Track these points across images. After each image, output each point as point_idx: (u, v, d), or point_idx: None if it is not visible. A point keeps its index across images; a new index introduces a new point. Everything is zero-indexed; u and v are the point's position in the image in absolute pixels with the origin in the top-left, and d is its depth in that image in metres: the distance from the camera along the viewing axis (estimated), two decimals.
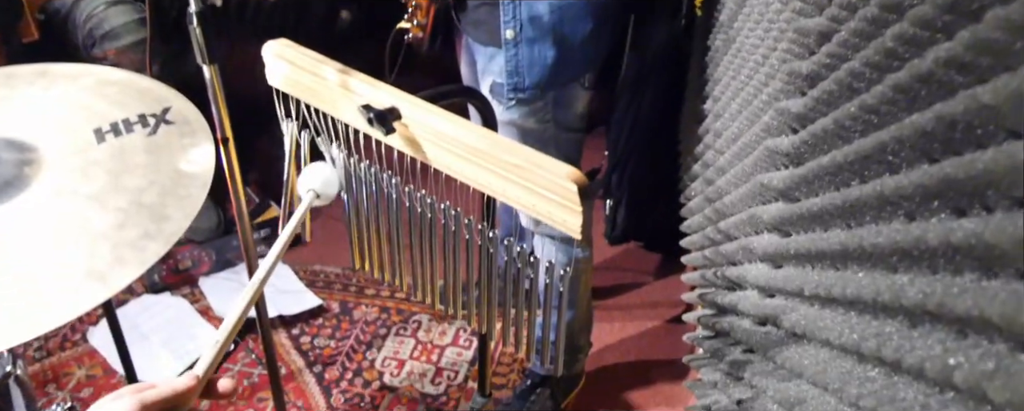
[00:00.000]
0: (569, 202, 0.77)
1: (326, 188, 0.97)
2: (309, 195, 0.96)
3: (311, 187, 0.96)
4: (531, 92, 1.46)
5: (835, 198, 0.69)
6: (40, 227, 0.93)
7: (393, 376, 1.98)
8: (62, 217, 0.94)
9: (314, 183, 0.96)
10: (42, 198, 0.95)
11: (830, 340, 0.64)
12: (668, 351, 2.06)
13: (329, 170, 0.98)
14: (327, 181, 0.97)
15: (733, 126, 1.20)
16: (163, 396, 0.66)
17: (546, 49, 1.41)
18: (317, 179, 0.96)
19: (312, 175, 0.97)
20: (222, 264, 2.25)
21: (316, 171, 0.97)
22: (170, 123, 1.11)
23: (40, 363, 1.96)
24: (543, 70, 1.43)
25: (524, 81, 1.44)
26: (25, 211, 0.94)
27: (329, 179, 0.97)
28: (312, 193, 0.96)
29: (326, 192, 0.97)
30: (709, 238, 1.31)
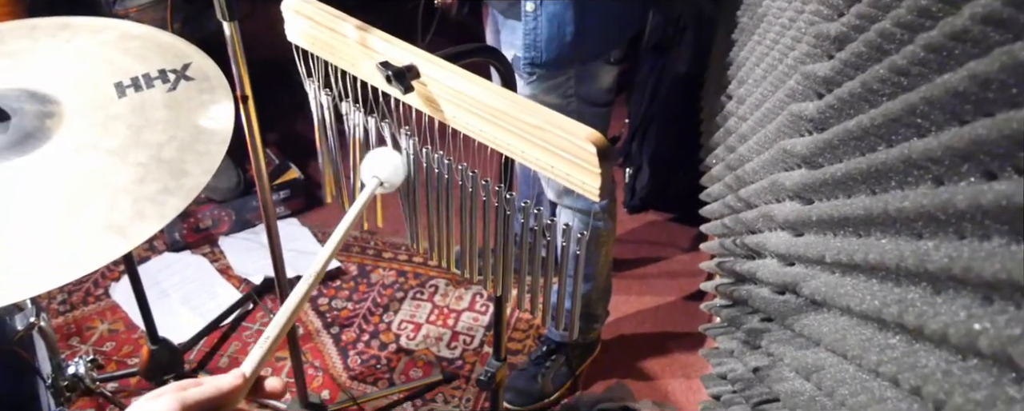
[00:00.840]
0: (588, 164, 0.76)
1: (392, 176, 0.90)
2: (373, 182, 0.88)
3: (376, 174, 0.88)
4: (549, 69, 1.42)
5: (860, 163, 0.68)
6: (62, 179, 0.93)
7: (409, 339, 1.99)
8: (83, 170, 0.95)
9: (380, 171, 0.89)
10: (63, 151, 0.96)
11: (851, 307, 0.63)
12: (684, 321, 2.06)
13: (397, 157, 0.90)
14: (395, 169, 0.89)
15: (757, 92, 1.18)
16: (206, 396, 0.61)
17: (566, 24, 1.36)
18: (384, 167, 0.89)
19: (378, 162, 0.89)
20: (241, 224, 2.27)
21: (383, 158, 0.90)
22: (190, 79, 1.10)
23: (64, 316, 1.99)
24: (562, 47, 1.38)
25: (541, 56, 1.40)
26: (47, 163, 0.94)
27: (396, 167, 0.90)
28: (376, 180, 0.88)
29: (392, 181, 0.90)
30: (729, 206, 1.29)
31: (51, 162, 0.95)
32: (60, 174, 0.94)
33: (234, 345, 1.95)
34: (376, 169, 0.89)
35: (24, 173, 0.93)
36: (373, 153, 0.91)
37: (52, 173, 0.94)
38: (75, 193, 0.93)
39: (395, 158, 0.90)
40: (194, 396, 0.60)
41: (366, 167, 0.90)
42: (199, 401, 0.60)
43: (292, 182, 2.33)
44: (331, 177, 1.16)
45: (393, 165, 0.90)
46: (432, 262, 2.20)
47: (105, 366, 1.84)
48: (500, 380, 1.24)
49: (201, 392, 0.61)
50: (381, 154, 0.90)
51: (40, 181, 0.93)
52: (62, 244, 0.89)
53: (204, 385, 0.62)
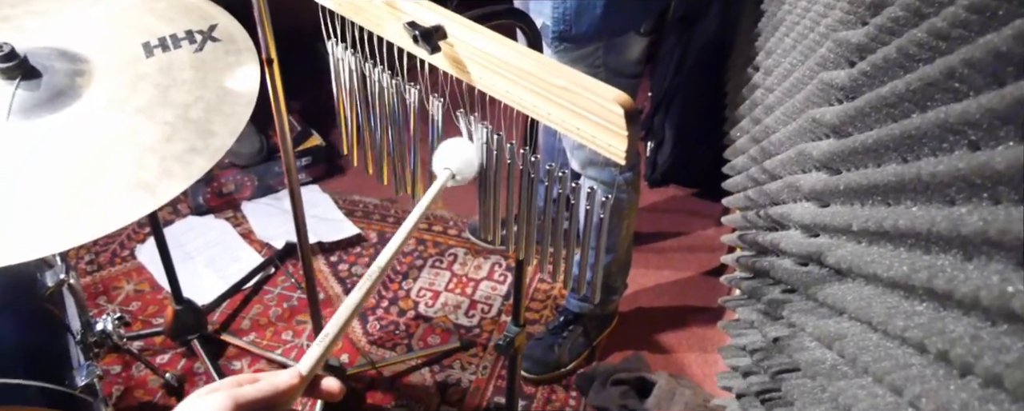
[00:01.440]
0: (614, 126, 0.76)
1: (465, 169, 0.86)
2: (445, 174, 0.85)
3: (448, 166, 0.85)
4: (578, 41, 1.40)
5: (893, 130, 0.67)
6: (91, 137, 0.95)
7: (428, 307, 2.01)
8: (112, 128, 0.96)
9: (452, 162, 0.86)
10: (93, 109, 0.97)
11: (877, 274, 0.63)
12: (703, 295, 2.06)
13: (470, 149, 0.86)
14: (467, 161, 0.86)
15: (785, 61, 1.16)
16: (261, 394, 0.60)
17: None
18: (456, 158, 0.85)
19: (450, 152, 0.86)
20: (264, 189, 2.29)
21: (455, 148, 0.86)
22: (216, 40, 1.11)
23: (91, 276, 2.03)
24: (592, 20, 1.36)
25: (571, 30, 1.38)
26: (77, 121, 0.95)
27: (469, 159, 0.86)
28: (448, 173, 0.85)
29: (464, 173, 0.86)
30: (753, 178, 1.28)
31: (81, 120, 0.96)
32: (90, 131, 0.95)
33: (256, 308, 1.98)
34: (448, 160, 0.85)
35: (56, 130, 0.94)
36: (446, 144, 0.87)
37: (82, 130, 0.95)
38: (104, 150, 0.94)
39: (468, 149, 0.86)
40: (248, 394, 0.59)
41: (438, 157, 0.86)
42: (254, 399, 0.59)
43: (314, 149, 2.34)
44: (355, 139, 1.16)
45: (466, 157, 0.86)
46: (452, 231, 2.22)
47: (131, 324, 1.87)
48: (518, 346, 1.25)
49: (256, 390, 0.60)
50: (454, 145, 0.86)
51: (71, 138, 0.94)
52: (92, 200, 0.90)
53: (260, 382, 0.61)
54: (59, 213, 0.88)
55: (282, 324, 1.94)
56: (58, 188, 0.90)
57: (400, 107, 1.01)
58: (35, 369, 1.14)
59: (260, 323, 1.93)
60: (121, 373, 1.77)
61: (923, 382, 0.51)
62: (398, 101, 1.00)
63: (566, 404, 1.79)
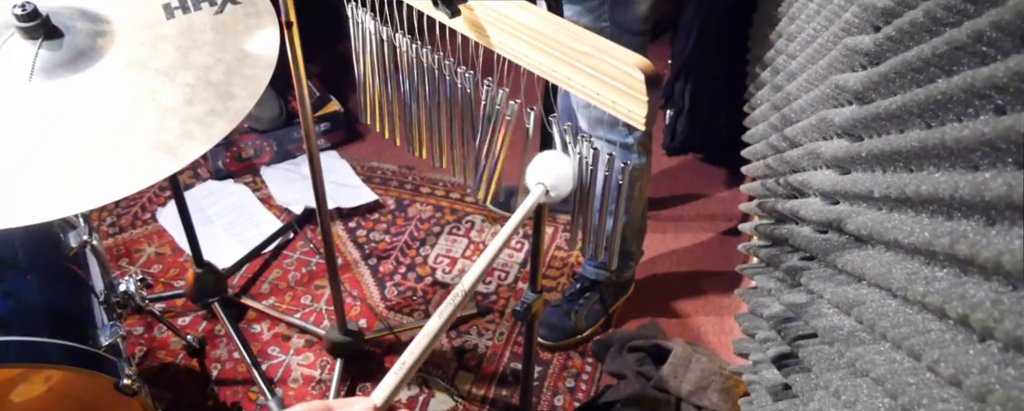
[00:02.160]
0: (635, 91, 0.75)
1: (559, 185, 0.81)
2: (538, 189, 0.81)
3: (541, 181, 0.81)
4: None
5: (917, 95, 0.66)
6: (113, 98, 0.95)
7: (445, 273, 2.02)
8: (133, 90, 0.97)
9: (546, 177, 0.81)
10: (115, 70, 0.97)
11: (899, 240, 0.62)
12: (720, 262, 2.06)
13: (566, 164, 0.81)
14: (562, 177, 0.81)
15: (809, 27, 1.15)
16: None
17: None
18: (550, 173, 0.81)
19: (545, 167, 0.81)
20: (283, 154, 2.30)
21: (551, 163, 0.81)
22: (237, 3, 1.11)
23: (113, 238, 2.06)
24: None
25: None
26: (99, 81, 0.96)
27: (564, 175, 0.81)
28: (542, 187, 0.81)
29: (559, 190, 0.82)
30: (773, 146, 1.27)
31: (103, 80, 0.96)
32: (111, 93, 0.96)
33: (275, 272, 2.00)
34: (543, 175, 0.80)
35: (78, 90, 0.95)
36: (542, 157, 0.82)
37: (104, 91, 0.96)
38: (126, 112, 0.95)
39: (565, 165, 0.81)
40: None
41: (532, 171, 0.82)
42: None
43: (332, 115, 2.35)
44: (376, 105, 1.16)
45: (562, 173, 0.81)
46: (469, 198, 2.22)
47: (153, 287, 1.90)
48: (536, 312, 1.26)
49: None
50: (550, 159, 0.81)
51: (93, 99, 0.95)
52: (114, 161, 0.91)
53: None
54: (81, 174, 0.90)
55: (301, 288, 1.96)
56: (80, 149, 0.91)
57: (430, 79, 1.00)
58: (60, 328, 1.16)
59: (279, 287, 1.96)
60: (143, 334, 1.80)
61: (942, 347, 0.51)
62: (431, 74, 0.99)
63: (582, 370, 1.80)
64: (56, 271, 1.26)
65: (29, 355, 1.11)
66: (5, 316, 1.11)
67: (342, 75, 2.53)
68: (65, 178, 0.89)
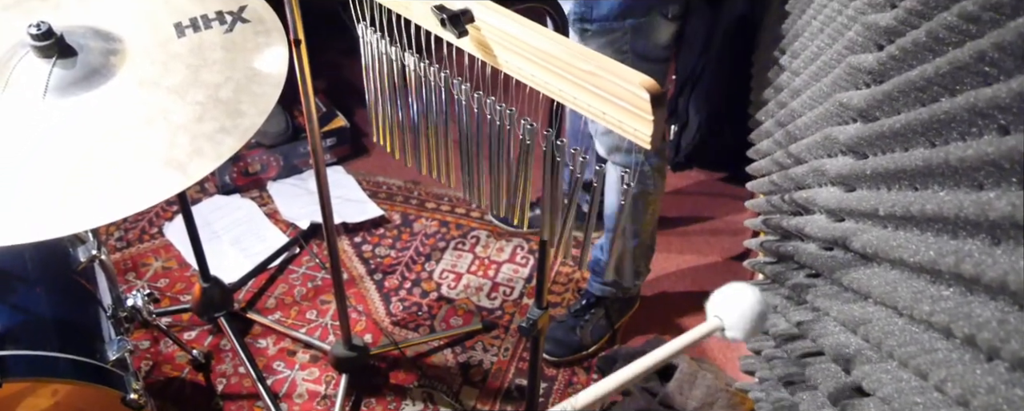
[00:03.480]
0: (640, 110, 0.76)
1: (738, 328, 0.72)
2: (714, 321, 0.75)
3: (719, 315, 0.74)
4: (600, 24, 1.40)
5: (921, 114, 0.66)
6: (124, 115, 0.96)
7: (450, 288, 2.03)
8: (145, 107, 0.98)
9: (729, 317, 0.73)
10: (126, 88, 0.98)
11: (904, 259, 0.63)
12: (725, 279, 2.03)
13: (758, 309, 0.71)
14: (748, 321, 0.71)
15: (813, 44, 1.15)
16: None
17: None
18: (734, 313, 0.72)
19: (731, 306, 0.74)
20: (289, 169, 2.31)
21: (740, 302, 0.73)
22: (246, 21, 1.12)
23: (120, 253, 2.07)
24: (613, 2, 1.37)
25: (591, 12, 1.37)
26: (111, 99, 0.97)
27: (752, 322, 0.71)
28: (718, 321, 0.74)
29: (734, 334, 0.73)
30: (778, 162, 1.28)
31: (115, 98, 0.97)
32: (123, 110, 0.97)
33: (281, 287, 2.01)
34: (725, 311, 0.73)
35: (90, 108, 0.96)
36: (734, 291, 0.75)
37: (116, 109, 0.97)
38: (137, 129, 0.96)
39: (755, 308, 0.72)
40: None
41: (714, 303, 0.76)
42: None
43: (338, 130, 2.36)
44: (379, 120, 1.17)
45: (748, 316, 0.72)
46: (474, 203, 2.23)
47: (160, 301, 1.91)
48: (541, 328, 1.26)
49: None
50: (741, 298, 0.72)
51: (105, 116, 0.96)
52: (125, 178, 0.92)
53: None
54: (93, 190, 0.90)
55: (306, 303, 1.97)
56: (92, 165, 0.92)
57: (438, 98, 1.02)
58: (68, 342, 1.17)
59: (285, 302, 1.96)
60: (149, 348, 1.81)
61: (949, 366, 0.51)
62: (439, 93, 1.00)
63: (587, 386, 1.80)
64: (65, 285, 1.27)
65: (37, 369, 1.11)
66: (14, 329, 1.12)
67: (348, 90, 2.54)
68: (77, 194, 0.90)
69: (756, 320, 0.70)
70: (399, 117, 1.13)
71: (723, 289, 0.74)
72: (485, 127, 0.98)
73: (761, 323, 0.70)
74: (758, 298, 0.70)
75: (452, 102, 1.01)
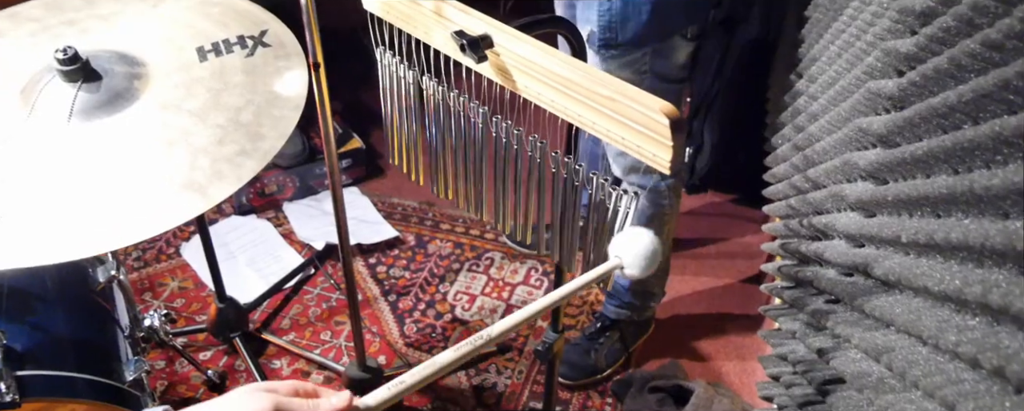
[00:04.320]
0: (660, 135, 0.76)
1: (635, 265, 0.79)
2: (614, 260, 0.80)
3: (619, 254, 0.80)
4: (625, 48, 1.41)
5: (944, 141, 0.66)
6: (147, 138, 0.97)
7: (464, 310, 2.02)
8: (167, 130, 0.99)
9: (626, 254, 0.79)
10: (149, 111, 1.00)
11: (928, 287, 0.62)
12: (741, 303, 2.04)
13: (652, 247, 0.79)
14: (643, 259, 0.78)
15: (831, 69, 1.15)
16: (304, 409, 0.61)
17: (642, 3, 1.34)
18: (630, 251, 0.79)
19: (629, 245, 0.80)
20: (305, 190, 2.32)
21: (636, 242, 0.79)
22: (267, 46, 1.13)
23: (138, 272, 2.08)
24: (638, 26, 1.36)
25: (617, 37, 1.38)
26: (134, 122, 0.98)
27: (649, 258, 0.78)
28: (618, 260, 0.80)
29: (631, 270, 0.80)
30: (795, 187, 1.27)
31: (138, 122, 0.99)
32: (146, 133, 0.98)
33: (295, 308, 2.01)
34: (623, 250, 0.80)
35: (114, 131, 0.97)
36: (629, 233, 0.81)
37: (139, 132, 0.98)
38: (159, 152, 0.97)
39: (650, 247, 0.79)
40: (295, 406, 0.60)
41: (615, 245, 0.81)
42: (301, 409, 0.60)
43: (354, 151, 2.38)
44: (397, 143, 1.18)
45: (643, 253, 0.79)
46: (498, 229, 2.23)
47: (176, 321, 1.92)
48: (557, 351, 1.26)
49: (305, 405, 0.61)
50: (636, 238, 0.80)
51: (128, 139, 0.97)
52: (146, 200, 0.93)
53: (312, 400, 0.62)
54: (115, 212, 0.91)
55: (321, 324, 1.97)
56: (115, 188, 0.93)
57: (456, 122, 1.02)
58: (86, 362, 1.17)
59: (300, 323, 1.97)
60: (165, 368, 1.81)
61: (976, 398, 0.50)
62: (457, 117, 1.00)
63: (602, 410, 1.79)
64: (84, 305, 1.27)
65: (56, 389, 1.12)
66: (34, 349, 1.12)
67: (363, 112, 2.56)
68: (99, 216, 0.91)
69: (650, 258, 0.79)
70: (417, 140, 1.14)
71: (622, 233, 0.81)
72: (501, 150, 0.99)
73: (654, 262, 0.79)
74: (652, 238, 0.79)
75: (469, 125, 1.01)
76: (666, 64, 1.47)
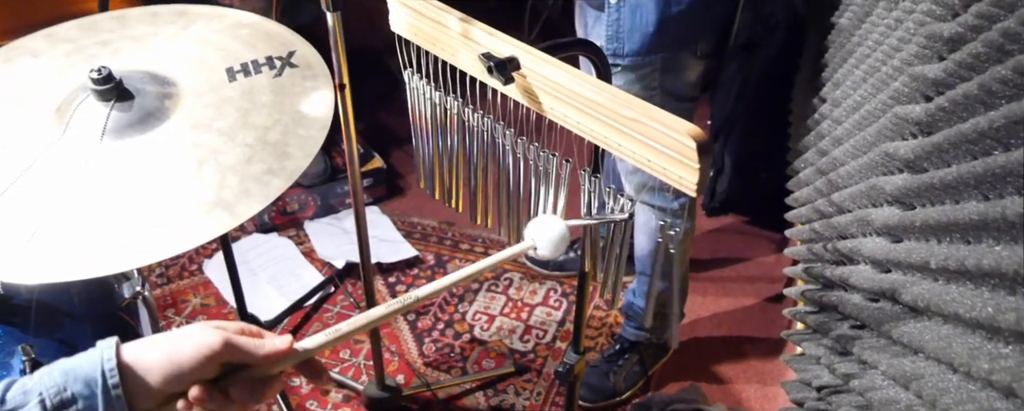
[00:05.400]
0: (686, 158, 0.77)
1: (546, 250, 0.85)
2: (527, 242, 0.86)
3: (534, 237, 0.86)
4: (630, 59, 1.41)
5: (974, 167, 0.66)
6: (177, 157, 0.99)
7: (483, 330, 2.02)
8: (196, 149, 1.00)
9: (540, 238, 0.85)
10: (180, 130, 1.01)
11: (960, 314, 0.62)
12: (762, 327, 2.02)
13: (562, 232, 0.85)
14: (554, 242, 0.85)
15: (855, 94, 1.15)
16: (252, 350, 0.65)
17: (648, 14, 1.35)
18: (545, 236, 0.85)
19: (542, 229, 0.86)
20: (326, 209, 2.34)
21: (548, 228, 0.86)
22: (295, 66, 1.15)
23: (160, 289, 2.10)
24: (644, 37, 1.38)
25: (623, 47, 1.40)
26: (165, 141, 1.00)
27: (557, 241, 0.85)
28: (532, 242, 0.86)
29: (542, 254, 0.86)
30: (819, 211, 1.27)
31: (168, 140, 1.00)
32: (176, 152, 1.00)
33: (315, 326, 2.02)
34: (537, 234, 0.86)
35: (145, 149, 0.99)
36: (544, 221, 0.87)
37: (169, 151, 1.00)
38: (189, 170, 0.98)
39: (559, 232, 0.86)
40: (241, 344, 0.65)
41: (531, 228, 0.87)
42: (243, 351, 0.65)
43: (375, 171, 2.39)
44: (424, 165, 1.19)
45: (553, 237, 0.85)
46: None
47: None
48: (578, 373, 1.25)
49: (250, 343, 0.66)
50: (548, 224, 0.86)
51: (158, 158, 0.99)
52: (176, 217, 0.94)
53: (257, 340, 0.67)
54: (145, 228, 0.93)
55: (340, 343, 1.97)
56: (145, 205, 0.94)
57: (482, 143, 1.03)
58: None
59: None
60: None
61: None
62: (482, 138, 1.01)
63: None
64: (109, 321, 1.28)
65: None
66: None
67: (384, 132, 2.58)
68: (129, 232, 0.92)
69: (560, 242, 0.85)
70: (441, 159, 1.15)
71: (536, 219, 0.87)
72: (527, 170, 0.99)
73: (563, 245, 0.85)
74: (563, 226, 0.85)
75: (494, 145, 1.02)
76: (676, 82, 1.48)
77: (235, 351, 0.64)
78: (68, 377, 0.62)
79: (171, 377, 0.62)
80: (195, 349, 0.62)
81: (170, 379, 0.62)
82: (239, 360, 0.65)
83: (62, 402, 0.61)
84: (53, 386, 0.61)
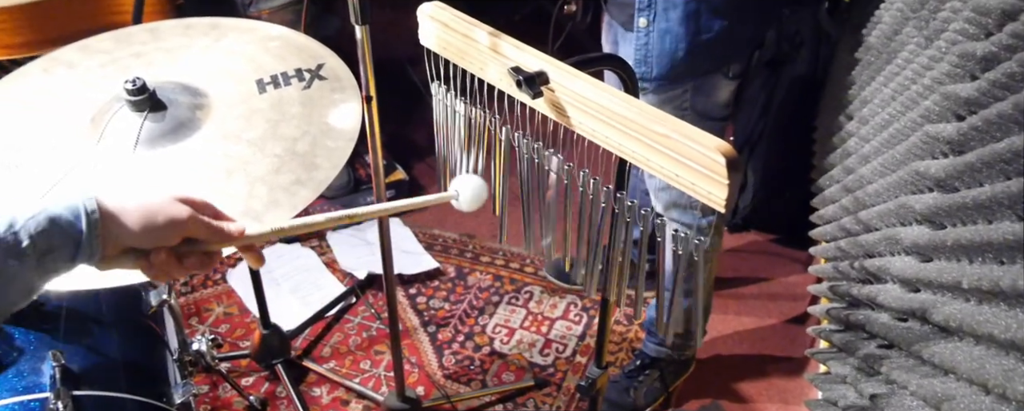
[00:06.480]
0: (715, 174, 0.77)
1: (465, 201, 0.94)
2: (451, 192, 0.95)
3: (458, 189, 0.95)
4: (657, 83, 1.41)
5: (1009, 187, 0.65)
6: (208, 167, 1.00)
7: (503, 343, 2.02)
8: (227, 159, 1.02)
9: (463, 190, 0.95)
10: (211, 140, 1.03)
11: (994, 335, 0.61)
12: (784, 345, 2.00)
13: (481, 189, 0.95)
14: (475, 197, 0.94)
15: (884, 112, 1.15)
16: (211, 229, 0.75)
17: (677, 41, 1.34)
18: (465, 189, 0.94)
19: (464, 184, 0.95)
20: None
21: (470, 183, 0.95)
22: (323, 79, 1.16)
23: (185, 297, 2.12)
24: (672, 62, 1.37)
25: (652, 71, 1.39)
26: (196, 151, 1.01)
27: (476, 196, 0.94)
28: (455, 192, 0.95)
29: (463, 205, 0.95)
30: (845, 229, 1.26)
31: (200, 150, 1.02)
32: (207, 162, 1.01)
33: (336, 336, 2.03)
34: (460, 186, 0.95)
35: (177, 159, 1.00)
36: (466, 176, 0.96)
37: (200, 161, 1.01)
38: (219, 180, 1.00)
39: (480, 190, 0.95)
40: (204, 222, 0.75)
41: (454, 183, 0.95)
42: (205, 228, 0.75)
43: (397, 183, 2.41)
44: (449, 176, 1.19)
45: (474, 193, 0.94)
46: (529, 268, 2.23)
47: (222, 346, 1.94)
48: (600, 387, 1.25)
49: (211, 223, 0.75)
50: (471, 182, 0.95)
51: (190, 168, 1.00)
52: None
53: (218, 221, 0.76)
54: None
55: (361, 353, 1.98)
56: None
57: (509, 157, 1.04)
58: (137, 384, 1.19)
59: (340, 351, 1.98)
60: (208, 393, 1.83)
61: None
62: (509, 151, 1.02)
63: None
64: (136, 328, 1.30)
65: (106, 409, 1.14)
66: (90, 370, 1.15)
67: (407, 144, 2.60)
68: None
69: (477, 196, 0.94)
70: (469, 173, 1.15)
71: (461, 176, 0.96)
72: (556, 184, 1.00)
73: (480, 199, 0.94)
74: (481, 182, 0.94)
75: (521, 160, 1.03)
76: (707, 102, 1.47)
77: (198, 228, 0.74)
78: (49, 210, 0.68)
79: (144, 230, 0.71)
80: (168, 220, 0.72)
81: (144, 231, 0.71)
82: (197, 236, 0.75)
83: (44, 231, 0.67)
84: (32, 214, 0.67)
